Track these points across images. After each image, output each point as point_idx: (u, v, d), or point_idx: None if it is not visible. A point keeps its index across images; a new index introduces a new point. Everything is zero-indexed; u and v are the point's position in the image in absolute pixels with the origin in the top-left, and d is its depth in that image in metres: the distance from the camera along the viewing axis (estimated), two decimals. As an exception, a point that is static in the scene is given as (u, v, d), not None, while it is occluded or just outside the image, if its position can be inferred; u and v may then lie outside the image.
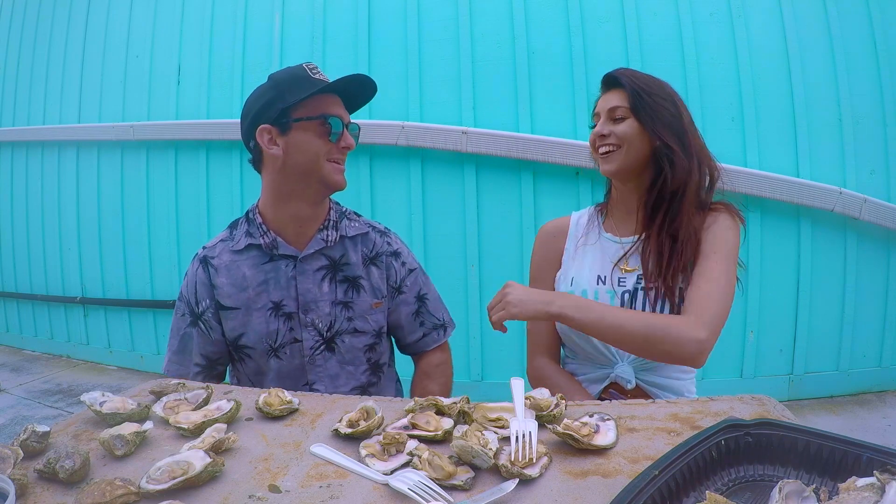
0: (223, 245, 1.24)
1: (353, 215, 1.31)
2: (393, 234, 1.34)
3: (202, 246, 1.27)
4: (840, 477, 0.60)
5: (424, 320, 1.33)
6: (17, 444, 0.76)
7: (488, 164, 2.84)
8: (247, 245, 1.22)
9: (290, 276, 1.20)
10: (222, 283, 1.21)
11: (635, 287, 1.17)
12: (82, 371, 3.69)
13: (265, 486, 0.69)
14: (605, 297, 1.18)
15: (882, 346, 2.88)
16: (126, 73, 3.57)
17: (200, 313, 1.23)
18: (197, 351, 1.24)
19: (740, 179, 2.66)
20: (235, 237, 1.24)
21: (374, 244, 1.28)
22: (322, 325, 1.22)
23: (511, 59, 2.85)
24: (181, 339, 1.25)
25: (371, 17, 3.00)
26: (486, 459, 0.69)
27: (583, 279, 1.22)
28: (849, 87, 2.76)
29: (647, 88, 1.16)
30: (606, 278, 1.20)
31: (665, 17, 2.78)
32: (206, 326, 1.23)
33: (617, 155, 1.17)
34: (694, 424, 0.79)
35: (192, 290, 1.24)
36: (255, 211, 1.25)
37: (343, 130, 1.17)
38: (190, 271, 1.26)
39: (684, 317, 1.04)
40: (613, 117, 1.18)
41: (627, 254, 1.20)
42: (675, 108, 1.18)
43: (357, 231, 1.27)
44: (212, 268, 1.22)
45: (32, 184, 3.97)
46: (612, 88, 1.21)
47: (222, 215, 3.28)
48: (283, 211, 1.21)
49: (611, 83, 1.21)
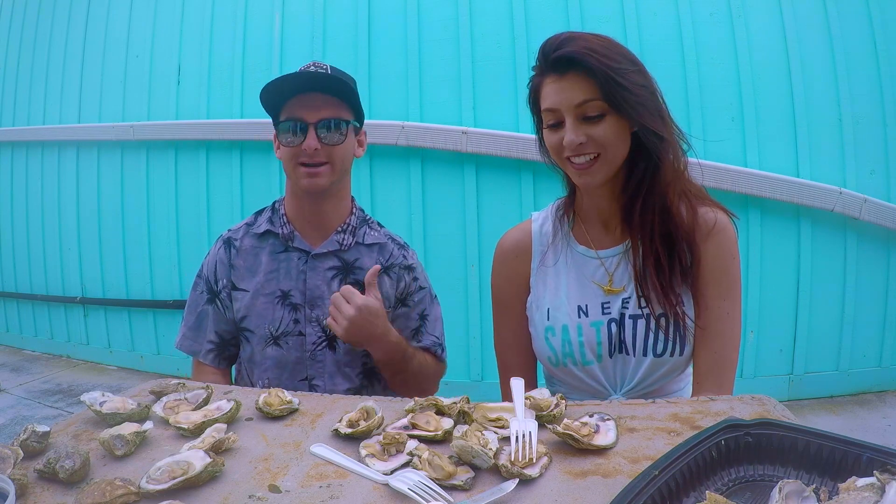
0: (246, 229, 1.29)
1: (375, 224, 1.32)
2: (411, 249, 1.35)
3: (227, 229, 1.32)
4: (840, 477, 0.60)
5: (422, 339, 1.33)
6: (17, 444, 0.76)
7: (488, 164, 2.84)
8: (266, 231, 1.26)
9: (300, 270, 1.24)
10: (239, 264, 1.25)
11: (621, 313, 1.02)
12: (82, 371, 3.68)
13: (265, 486, 0.69)
14: (590, 333, 1.03)
15: (882, 346, 2.88)
16: (126, 73, 3.57)
17: (218, 291, 1.27)
18: (212, 328, 1.28)
19: (740, 179, 2.66)
20: (258, 222, 1.29)
21: (391, 255, 1.29)
22: (326, 322, 1.22)
23: (511, 59, 2.85)
24: (198, 315, 1.29)
25: (371, 17, 3.00)
26: (486, 459, 0.69)
27: (561, 312, 1.05)
28: (849, 87, 2.76)
29: (615, 64, 0.91)
30: (588, 307, 1.04)
31: (665, 17, 2.78)
32: (222, 305, 1.27)
33: (600, 165, 0.95)
34: (694, 424, 0.79)
35: (213, 268, 1.28)
36: (280, 202, 1.30)
37: (300, 132, 1.15)
38: (212, 251, 1.30)
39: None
40: (584, 115, 0.93)
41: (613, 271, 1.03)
42: (645, 78, 0.95)
43: (374, 240, 1.29)
44: (234, 248, 1.27)
45: (32, 184, 3.97)
46: (569, 72, 0.93)
47: (222, 215, 3.28)
48: (295, 207, 1.26)
49: (567, 64, 0.92)
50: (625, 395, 1.05)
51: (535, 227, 1.14)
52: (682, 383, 1.11)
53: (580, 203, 1.09)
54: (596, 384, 1.05)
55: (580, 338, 1.04)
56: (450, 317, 1.45)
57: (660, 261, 0.98)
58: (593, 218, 1.07)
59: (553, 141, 0.98)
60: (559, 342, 1.05)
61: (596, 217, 1.07)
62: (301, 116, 1.15)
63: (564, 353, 1.05)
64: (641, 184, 0.98)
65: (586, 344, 1.04)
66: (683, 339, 1.00)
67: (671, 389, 1.08)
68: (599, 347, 1.04)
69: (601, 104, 0.92)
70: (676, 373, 1.05)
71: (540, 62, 0.98)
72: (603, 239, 1.07)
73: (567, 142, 0.94)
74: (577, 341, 1.04)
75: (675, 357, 1.01)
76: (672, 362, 1.02)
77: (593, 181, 0.97)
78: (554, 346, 1.06)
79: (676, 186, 0.99)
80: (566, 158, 0.97)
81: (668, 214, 0.98)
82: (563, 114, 0.95)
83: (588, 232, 1.08)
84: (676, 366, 1.03)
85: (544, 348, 1.08)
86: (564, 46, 0.93)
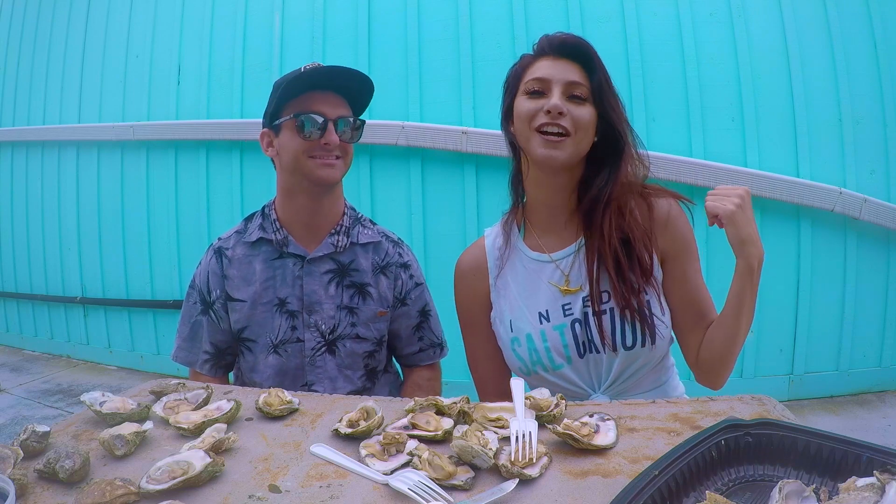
0: (237, 237, 1.26)
1: (367, 222, 1.31)
2: (406, 245, 1.34)
3: (218, 237, 1.30)
4: (840, 477, 0.60)
5: (423, 336, 1.34)
6: (17, 444, 0.76)
7: (488, 164, 2.84)
8: (258, 239, 1.23)
9: (296, 276, 1.22)
10: (233, 274, 1.23)
11: (584, 312, 1.02)
12: (82, 371, 3.69)
13: (265, 486, 0.69)
14: (553, 337, 1.02)
15: (882, 346, 2.88)
16: (126, 73, 3.57)
17: (212, 302, 1.25)
18: (207, 339, 1.27)
19: (740, 179, 2.66)
20: (249, 230, 1.26)
21: (386, 254, 1.28)
22: (325, 327, 1.22)
23: (511, 59, 2.81)
24: (192, 326, 1.28)
25: (371, 17, 3.00)
26: (486, 459, 0.69)
27: (523, 322, 1.05)
28: (849, 87, 2.76)
29: (606, 73, 1.00)
30: (549, 312, 1.04)
31: (665, 17, 2.77)
32: (216, 316, 1.25)
33: (568, 143, 0.97)
34: (694, 424, 0.79)
35: (205, 279, 1.26)
36: (270, 207, 1.27)
37: (321, 127, 1.15)
38: (203, 261, 1.28)
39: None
40: (571, 93, 0.98)
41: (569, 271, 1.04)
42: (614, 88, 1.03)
43: (369, 239, 1.28)
44: (225, 259, 1.24)
45: (32, 184, 3.97)
46: (568, 57, 1.00)
47: (222, 215, 3.28)
48: (290, 207, 1.23)
49: (571, 52, 1.00)
50: (604, 392, 1.04)
51: (489, 242, 1.16)
52: (666, 375, 1.10)
53: (530, 209, 1.11)
54: (572, 386, 1.05)
55: (545, 343, 1.04)
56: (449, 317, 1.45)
57: (618, 257, 1.00)
58: (543, 222, 1.09)
59: (530, 107, 0.99)
60: (525, 351, 1.06)
61: (547, 216, 1.08)
62: (322, 111, 1.15)
63: (533, 361, 1.06)
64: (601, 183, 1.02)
65: (552, 349, 1.04)
66: (653, 329, 1.01)
67: (656, 382, 1.08)
68: (567, 350, 1.03)
69: (587, 92, 0.99)
70: (653, 364, 1.05)
71: (540, 46, 1.03)
72: (554, 242, 1.08)
73: (552, 105, 0.96)
74: (543, 347, 1.04)
75: (647, 348, 1.01)
76: (645, 354, 1.02)
77: (559, 156, 0.98)
78: (521, 356, 1.07)
79: (632, 189, 1.04)
80: (536, 129, 0.98)
81: (623, 216, 1.01)
82: (551, 84, 0.98)
83: (539, 238, 1.09)
84: (651, 357, 1.03)
85: (513, 359, 1.09)
86: (570, 37, 1.00)
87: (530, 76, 1.01)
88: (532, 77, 1.00)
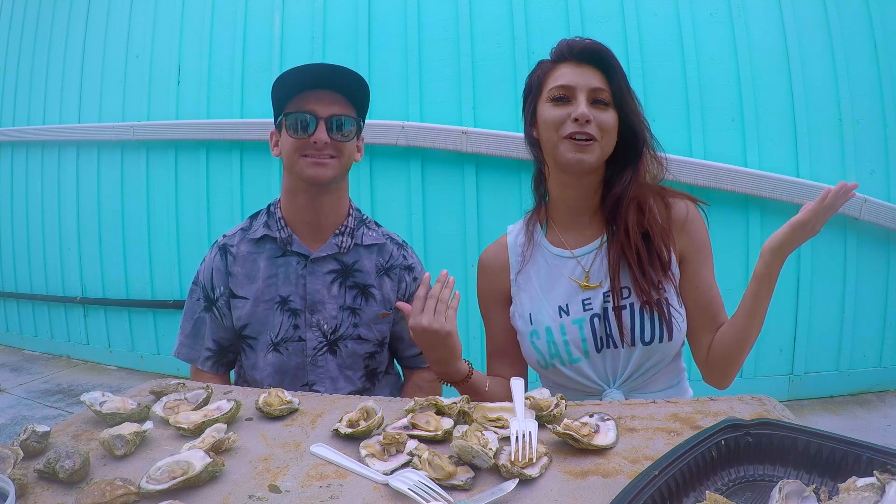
0: (242, 234, 1.27)
1: (372, 224, 1.32)
2: (410, 248, 1.35)
3: (222, 234, 1.30)
4: (840, 477, 0.60)
5: None
6: (17, 444, 0.76)
7: (488, 164, 2.84)
8: (263, 236, 1.24)
9: (299, 274, 1.22)
10: (237, 271, 1.24)
11: (604, 307, 1.04)
12: (82, 371, 3.69)
13: (265, 486, 0.69)
14: (573, 331, 1.05)
15: (882, 346, 2.88)
16: (126, 73, 3.57)
17: (215, 299, 1.25)
18: (209, 336, 1.27)
19: (740, 179, 2.66)
20: (254, 227, 1.27)
21: (391, 256, 1.29)
22: (327, 326, 1.22)
23: (511, 59, 2.84)
24: (194, 323, 1.28)
25: (371, 17, 3.00)
26: (486, 459, 0.69)
27: (543, 315, 1.07)
28: (849, 87, 2.76)
29: (625, 76, 1.04)
30: (569, 306, 1.06)
31: (665, 17, 2.77)
32: (219, 313, 1.26)
33: (596, 146, 1.01)
34: (694, 424, 0.79)
35: (209, 276, 1.26)
36: (276, 205, 1.28)
37: (308, 125, 1.14)
38: (208, 258, 1.28)
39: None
40: (595, 99, 1.02)
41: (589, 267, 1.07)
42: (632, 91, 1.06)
43: (373, 241, 1.28)
44: (230, 256, 1.25)
45: (32, 184, 3.97)
46: (590, 63, 1.03)
47: (222, 215, 3.28)
48: (292, 206, 1.23)
49: (591, 58, 1.03)
50: (619, 388, 1.05)
51: (511, 239, 1.18)
52: (677, 378, 1.12)
53: (553, 208, 1.14)
54: (587, 381, 1.06)
55: (564, 336, 1.06)
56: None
57: (639, 252, 1.02)
58: (567, 216, 1.11)
59: (556, 115, 1.02)
60: (544, 344, 1.07)
61: (570, 215, 1.11)
62: (313, 110, 1.15)
63: (551, 354, 1.07)
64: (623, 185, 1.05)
65: (571, 342, 1.06)
66: (670, 324, 1.02)
67: (668, 383, 1.09)
68: (584, 344, 1.05)
69: (609, 97, 1.02)
70: (668, 360, 1.07)
71: (560, 52, 1.05)
72: (576, 239, 1.11)
73: (579, 113, 0.99)
74: (562, 340, 1.06)
75: (665, 343, 1.03)
76: (662, 349, 1.04)
77: (588, 159, 1.01)
78: (540, 349, 1.08)
79: (651, 188, 1.08)
80: (564, 136, 1.01)
81: (643, 213, 1.05)
82: (576, 92, 1.01)
83: (562, 234, 1.12)
84: (668, 352, 1.05)
85: (532, 353, 1.10)
86: (591, 43, 1.03)
87: (553, 83, 1.04)
88: (556, 84, 1.03)
